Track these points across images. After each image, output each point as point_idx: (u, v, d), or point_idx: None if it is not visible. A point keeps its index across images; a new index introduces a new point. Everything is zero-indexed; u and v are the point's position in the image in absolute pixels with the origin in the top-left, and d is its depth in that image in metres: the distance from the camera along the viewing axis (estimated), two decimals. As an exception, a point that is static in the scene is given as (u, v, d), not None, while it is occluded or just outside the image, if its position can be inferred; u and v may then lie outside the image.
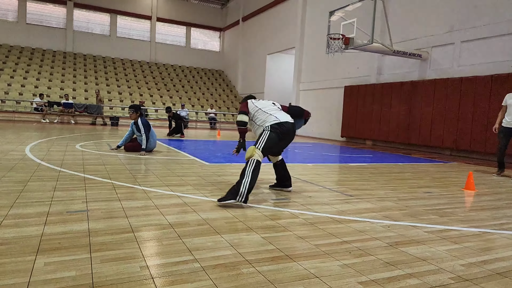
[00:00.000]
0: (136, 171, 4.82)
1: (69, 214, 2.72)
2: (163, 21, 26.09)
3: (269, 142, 3.45)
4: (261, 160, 3.36)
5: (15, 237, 2.20)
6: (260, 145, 3.39)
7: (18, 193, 3.28)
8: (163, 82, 23.76)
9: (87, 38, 23.88)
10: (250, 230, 2.58)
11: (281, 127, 3.53)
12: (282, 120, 3.57)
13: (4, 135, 8.80)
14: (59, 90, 19.07)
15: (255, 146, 3.37)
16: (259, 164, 3.31)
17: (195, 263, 1.98)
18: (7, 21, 21.88)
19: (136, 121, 6.74)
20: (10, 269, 1.78)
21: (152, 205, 3.13)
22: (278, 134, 3.50)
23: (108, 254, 2.04)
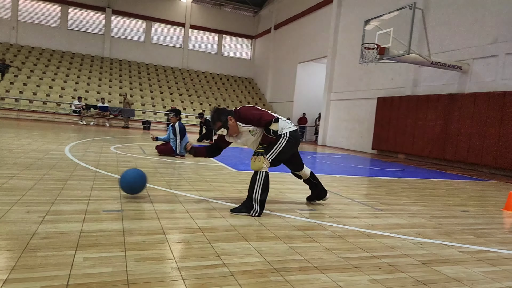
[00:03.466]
0: (167, 175, 4.95)
1: (105, 213, 2.85)
2: (196, 29, 26.76)
3: (282, 153, 3.23)
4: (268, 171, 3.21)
5: (56, 232, 2.33)
6: (271, 156, 3.18)
7: (59, 190, 3.46)
8: (194, 88, 24.30)
9: (123, 44, 24.87)
10: (278, 239, 2.59)
11: (295, 135, 3.36)
12: (296, 127, 3.44)
13: (45, 135, 9.30)
14: (96, 94, 19.94)
15: (264, 156, 3.15)
16: (268, 175, 3.19)
17: (224, 268, 2.02)
18: (50, 26, 23.20)
19: (174, 124, 6.96)
20: (52, 262, 1.89)
21: (182, 208, 3.21)
22: (293, 144, 3.33)
23: (141, 254, 2.12)
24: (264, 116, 3.23)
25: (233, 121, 3.24)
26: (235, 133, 3.32)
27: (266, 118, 3.22)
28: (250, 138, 3.36)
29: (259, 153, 3.18)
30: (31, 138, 8.13)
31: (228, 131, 3.24)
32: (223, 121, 3.18)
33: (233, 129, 3.25)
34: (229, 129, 3.23)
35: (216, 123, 3.20)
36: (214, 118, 3.21)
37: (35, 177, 3.98)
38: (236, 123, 3.25)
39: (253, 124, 3.24)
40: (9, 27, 21.95)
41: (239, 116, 3.25)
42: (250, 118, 3.22)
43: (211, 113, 3.28)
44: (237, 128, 3.27)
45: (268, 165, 3.19)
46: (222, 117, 3.20)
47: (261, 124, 3.23)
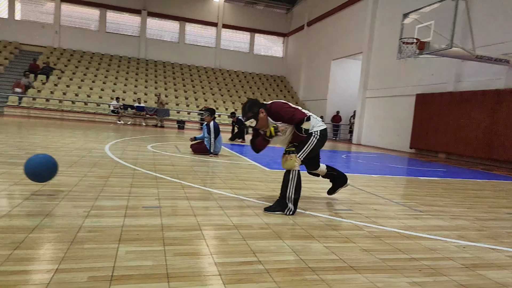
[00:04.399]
0: (202, 173, 5.06)
1: (144, 209, 2.96)
2: (228, 28, 27.02)
3: (312, 152, 3.25)
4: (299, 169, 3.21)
5: (100, 226, 2.45)
6: (302, 155, 3.17)
7: (101, 187, 3.64)
8: (226, 88, 24.58)
9: (158, 45, 25.59)
10: (312, 238, 2.57)
11: (326, 134, 3.34)
12: (325, 126, 3.39)
13: (87, 135, 9.78)
14: (133, 94, 20.68)
15: (295, 154, 3.14)
16: (300, 174, 3.18)
17: (259, 265, 2.04)
18: (90, 30, 24.32)
19: (209, 124, 7.09)
20: (97, 254, 2.00)
21: (217, 206, 3.27)
22: (322, 143, 3.31)
23: (179, 249, 2.18)
24: (296, 114, 3.19)
25: (264, 114, 3.22)
26: (263, 127, 3.30)
27: (298, 116, 3.18)
28: (280, 136, 3.32)
29: (290, 151, 3.16)
30: (74, 137, 8.58)
31: (257, 123, 3.23)
32: (254, 112, 3.18)
33: (262, 122, 3.24)
34: (259, 121, 3.21)
35: (247, 113, 3.20)
36: (246, 108, 3.23)
37: (80, 174, 4.21)
38: (266, 117, 3.24)
39: (283, 121, 3.21)
40: (52, 32, 23.25)
41: (270, 111, 3.23)
42: (282, 115, 3.19)
43: (245, 103, 3.30)
44: (267, 122, 3.26)
45: (299, 164, 3.19)
46: (254, 108, 3.20)
47: (292, 122, 3.20)
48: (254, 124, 3.21)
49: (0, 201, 2.87)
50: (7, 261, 1.80)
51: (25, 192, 3.15)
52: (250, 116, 3.19)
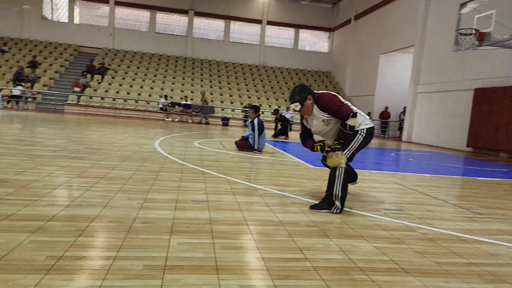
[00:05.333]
0: (247, 169, 5.12)
1: (193, 203, 3.05)
2: (272, 24, 26.98)
3: (358, 149, 3.18)
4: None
5: (154, 218, 2.57)
6: (348, 152, 3.12)
7: (153, 181, 3.81)
8: (270, 84, 24.62)
9: (204, 44, 26.23)
10: (361, 238, 2.50)
11: (372, 133, 3.26)
12: (372, 124, 3.30)
13: (138, 131, 10.30)
14: (180, 92, 21.41)
15: (341, 151, 3.07)
16: (346, 171, 3.11)
17: (307, 262, 2.02)
18: (141, 31, 25.51)
19: (253, 121, 7.17)
20: (151, 244, 2.10)
21: (263, 202, 3.29)
22: (368, 141, 3.23)
23: (227, 242, 2.23)
24: (343, 108, 3.10)
25: (311, 102, 3.17)
26: (307, 114, 3.26)
27: (345, 111, 3.09)
28: (322, 127, 3.26)
29: (335, 148, 3.11)
30: (126, 133, 9.08)
31: (301, 109, 3.18)
32: (301, 97, 3.14)
33: (307, 109, 3.19)
34: (304, 107, 3.16)
35: (295, 96, 3.18)
36: (295, 92, 3.20)
37: (133, 168, 4.44)
38: (312, 106, 3.18)
39: (329, 113, 3.13)
40: (107, 34, 24.71)
41: (318, 101, 3.17)
42: (329, 107, 3.11)
43: (295, 86, 3.28)
44: (312, 110, 3.20)
45: (346, 161, 3.12)
46: (303, 93, 3.17)
47: (338, 115, 3.11)
48: (298, 109, 3.17)
49: (64, 192, 3.11)
50: (72, 247, 1.95)
51: (86, 184, 3.39)
52: (297, 100, 3.16)
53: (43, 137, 6.98)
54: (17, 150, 5.04)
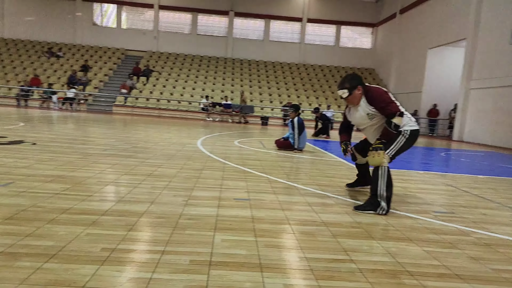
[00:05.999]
0: (287, 168, 5.10)
1: (236, 201, 3.09)
2: (313, 22, 26.60)
3: (400, 150, 3.08)
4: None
5: (198, 215, 2.64)
6: (391, 152, 3.04)
7: (196, 178, 3.91)
8: (310, 83, 24.32)
9: (244, 44, 26.46)
10: (410, 241, 2.40)
11: (416, 135, 3.15)
12: (418, 127, 3.19)
13: (181, 131, 10.62)
14: (220, 92, 21.78)
15: (383, 151, 3.00)
16: (389, 170, 3.03)
17: (352, 264, 1.98)
18: (183, 33, 26.27)
19: (293, 120, 7.13)
20: (197, 240, 2.15)
21: (304, 201, 3.26)
22: (410, 144, 3.12)
23: (270, 241, 2.23)
24: (392, 105, 3.03)
25: (360, 93, 3.12)
26: (352, 104, 3.22)
27: (393, 108, 3.02)
28: (365, 120, 3.19)
29: (377, 148, 3.03)
30: (170, 133, 9.39)
31: (348, 97, 3.13)
32: (351, 86, 3.09)
33: (354, 99, 3.15)
34: (351, 95, 3.12)
35: (345, 83, 3.13)
36: (346, 79, 3.15)
37: (177, 166, 4.59)
38: (360, 97, 3.14)
39: (376, 107, 3.06)
40: (151, 37, 25.72)
41: (367, 93, 3.12)
42: (377, 101, 3.05)
43: (347, 74, 3.24)
44: (358, 101, 3.15)
45: (388, 161, 3.03)
46: (353, 81, 3.12)
47: (385, 111, 3.03)
48: (345, 96, 3.13)
49: (115, 188, 3.28)
50: (123, 241, 2.06)
51: (134, 181, 3.55)
52: (346, 87, 3.12)
53: (94, 136, 7.42)
54: (72, 148, 5.40)
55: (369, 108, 3.10)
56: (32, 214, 2.38)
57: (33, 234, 2.05)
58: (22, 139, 6.01)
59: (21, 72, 21.36)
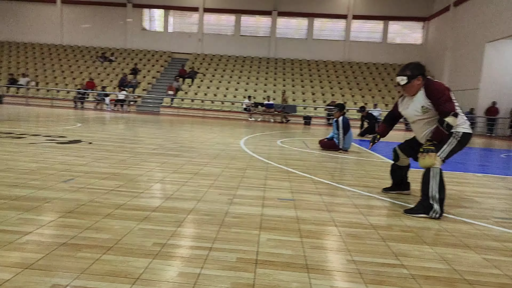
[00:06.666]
0: (332, 169, 5.00)
1: (280, 201, 3.09)
2: (359, 18, 25.83)
3: (452, 153, 2.94)
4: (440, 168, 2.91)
5: (243, 213, 2.67)
6: (442, 154, 2.90)
7: (240, 178, 3.96)
8: (355, 81, 23.67)
9: (287, 43, 26.33)
10: (467, 248, 2.25)
11: (468, 139, 2.98)
12: (471, 131, 3.01)
13: (224, 131, 10.82)
14: (263, 92, 21.88)
15: (435, 153, 2.87)
16: (442, 172, 2.88)
17: (403, 269, 1.89)
18: (227, 35, 26.71)
19: (338, 119, 6.99)
20: (242, 238, 2.18)
21: (351, 203, 3.18)
22: (461, 147, 2.96)
23: (316, 242, 2.20)
24: (449, 104, 2.87)
25: (419, 83, 2.99)
26: (408, 93, 3.10)
27: (449, 107, 2.86)
28: (417, 113, 3.04)
29: (428, 150, 2.89)
30: (214, 133, 9.60)
31: (406, 84, 3.01)
32: (412, 74, 2.97)
33: (411, 88, 3.02)
34: (409, 84, 3.00)
35: (406, 71, 3.01)
36: (408, 67, 3.04)
37: (222, 165, 4.68)
38: (419, 87, 3.01)
39: (433, 102, 2.91)
40: (196, 40, 26.45)
41: (427, 85, 2.97)
42: (436, 96, 2.89)
43: (411, 62, 3.12)
44: (416, 91, 3.03)
45: (440, 163, 2.89)
46: (415, 70, 3.00)
47: (440, 108, 2.88)
48: (403, 83, 3.01)
49: (164, 186, 3.41)
50: (173, 236, 2.14)
51: (182, 180, 3.68)
52: (406, 74, 3.00)
53: (144, 136, 7.78)
54: (123, 147, 5.70)
55: (425, 101, 2.96)
56: (91, 208, 2.54)
57: (92, 227, 2.19)
58: (80, 138, 6.46)
59: (78, 76, 22.96)
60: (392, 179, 3.67)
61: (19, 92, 20.79)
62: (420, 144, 3.19)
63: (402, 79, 3.00)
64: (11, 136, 6.15)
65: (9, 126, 7.75)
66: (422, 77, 2.98)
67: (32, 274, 1.61)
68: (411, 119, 3.16)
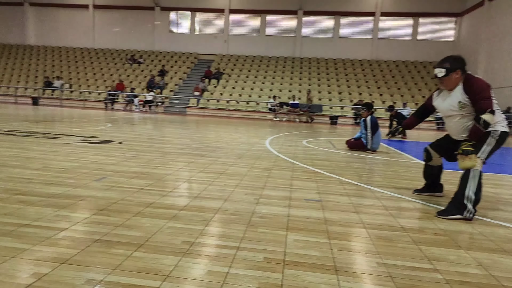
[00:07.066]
0: (360, 170, 4.90)
1: (306, 202, 3.06)
2: (387, 16, 25.18)
3: (491, 153, 2.84)
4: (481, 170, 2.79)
5: (269, 214, 2.66)
6: (483, 155, 2.80)
7: (266, 178, 3.96)
8: (383, 79, 23.11)
9: (312, 42, 26.07)
10: (505, 253, 2.14)
11: (505, 139, 2.86)
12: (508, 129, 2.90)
13: (249, 131, 10.85)
14: (288, 92, 21.78)
15: (475, 154, 2.76)
16: (481, 174, 2.77)
17: (437, 274, 1.83)
18: (252, 36, 26.79)
19: (366, 119, 6.85)
20: (269, 238, 2.17)
21: (380, 205, 3.10)
22: (499, 145, 2.84)
23: (344, 244, 2.16)
24: (488, 101, 2.74)
25: (458, 77, 2.89)
26: (445, 87, 3.00)
27: (487, 104, 2.74)
28: (453, 108, 2.94)
29: (468, 151, 2.78)
30: (239, 133, 9.65)
31: (444, 77, 2.91)
32: (451, 67, 2.88)
33: (449, 81, 2.92)
34: (447, 77, 2.90)
35: (445, 63, 2.92)
36: (448, 59, 2.94)
37: (247, 165, 4.69)
38: (458, 81, 2.90)
39: (470, 97, 2.81)
40: (222, 41, 26.70)
41: (466, 80, 2.87)
42: (475, 91, 2.78)
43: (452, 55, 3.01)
44: (454, 86, 2.93)
45: (480, 165, 2.77)
46: (455, 64, 2.90)
47: (477, 104, 2.77)
48: (441, 75, 2.92)
49: (192, 185, 3.46)
50: (201, 235, 2.16)
51: (209, 179, 3.72)
52: (445, 67, 2.91)
53: (171, 136, 7.93)
54: (152, 147, 5.84)
55: (463, 96, 2.85)
56: (122, 206, 2.62)
57: (123, 224, 2.26)
58: (110, 138, 6.67)
59: (108, 78, 23.75)
60: (425, 180, 3.55)
61: (54, 94, 21.76)
62: (454, 142, 3.08)
63: (440, 71, 2.91)
64: (47, 136, 6.44)
65: (45, 127, 8.13)
66: (461, 71, 2.87)
67: (68, 269, 1.67)
68: (446, 113, 3.06)
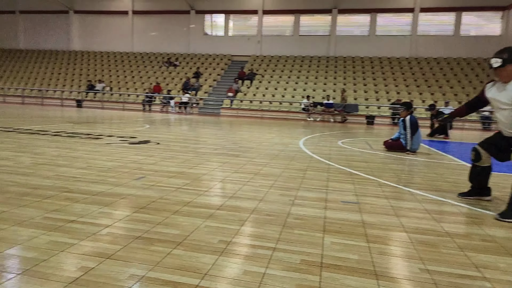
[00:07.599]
0: (399, 172, 4.73)
1: (343, 204, 2.99)
2: (427, 11, 24.15)
3: None
4: None
5: (305, 215, 2.63)
6: None
7: (301, 179, 3.92)
8: (423, 78, 22.17)
9: (347, 41, 25.52)
10: None
11: None
12: None
13: (282, 131, 10.81)
14: (322, 92, 21.47)
15: None
16: None
17: (485, 282, 1.72)
18: (285, 36, 26.68)
19: (404, 119, 6.61)
20: (305, 240, 2.15)
21: (421, 208, 2.97)
22: None
23: (384, 248, 2.09)
24: None
25: None
26: (501, 78, 2.87)
27: None
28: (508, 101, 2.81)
29: None
30: (272, 133, 9.64)
31: (500, 68, 2.79)
32: (508, 58, 2.76)
33: (504, 72, 2.80)
34: (503, 68, 2.78)
35: (503, 53, 2.81)
36: (507, 49, 2.83)
37: (281, 166, 4.67)
38: None
39: None
40: (255, 42, 26.83)
41: None
42: None
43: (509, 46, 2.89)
44: (510, 77, 2.81)
45: None
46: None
47: None
48: (497, 65, 2.79)
49: (227, 185, 3.50)
50: (237, 234, 2.18)
51: (243, 179, 3.74)
52: (503, 57, 2.79)
53: (206, 136, 8.08)
54: (188, 148, 5.97)
55: None
56: (161, 205, 2.70)
57: (162, 222, 2.32)
58: (148, 139, 6.90)
59: (146, 80, 24.60)
60: (471, 183, 3.36)
61: (96, 97, 22.88)
62: (508, 139, 2.90)
63: (497, 61, 2.79)
64: (90, 137, 6.78)
65: (88, 128, 8.55)
66: None
67: (112, 264, 1.74)
68: (499, 106, 2.91)
